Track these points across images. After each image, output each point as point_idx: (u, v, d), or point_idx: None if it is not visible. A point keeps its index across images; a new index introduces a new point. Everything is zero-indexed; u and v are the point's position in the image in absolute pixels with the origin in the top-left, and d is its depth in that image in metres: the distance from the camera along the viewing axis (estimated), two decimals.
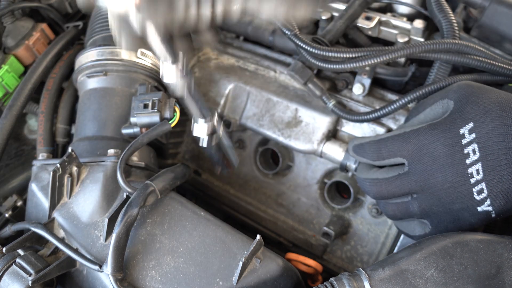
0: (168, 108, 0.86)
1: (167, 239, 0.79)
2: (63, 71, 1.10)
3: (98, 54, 0.97)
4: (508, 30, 0.94)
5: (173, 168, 0.88)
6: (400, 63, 1.03)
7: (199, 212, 0.82)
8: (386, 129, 0.99)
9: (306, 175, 1.09)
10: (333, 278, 0.71)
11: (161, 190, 0.80)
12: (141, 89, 0.90)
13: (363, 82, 1.01)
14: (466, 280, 0.66)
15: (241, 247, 0.77)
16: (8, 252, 0.79)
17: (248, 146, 1.15)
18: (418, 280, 0.66)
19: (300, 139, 1.03)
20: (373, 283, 0.67)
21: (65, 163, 0.83)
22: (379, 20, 1.03)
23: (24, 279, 0.74)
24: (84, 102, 0.97)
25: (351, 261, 1.04)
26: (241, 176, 1.16)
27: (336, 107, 0.98)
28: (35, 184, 0.89)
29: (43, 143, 1.04)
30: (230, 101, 1.12)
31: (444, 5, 0.95)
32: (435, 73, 0.92)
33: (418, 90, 0.89)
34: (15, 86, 1.09)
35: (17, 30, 1.12)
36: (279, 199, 1.12)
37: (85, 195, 0.84)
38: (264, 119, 1.07)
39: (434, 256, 0.67)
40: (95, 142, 0.92)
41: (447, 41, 0.87)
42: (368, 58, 0.87)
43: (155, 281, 0.75)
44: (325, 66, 0.93)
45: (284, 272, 0.77)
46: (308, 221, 1.09)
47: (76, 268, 0.81)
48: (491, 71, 0.88)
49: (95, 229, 0.81)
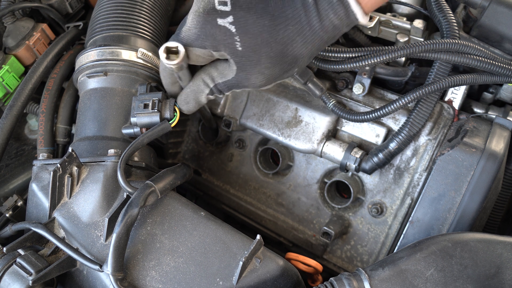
0: (168, 108, 0.86)
1: (167, 239, 0.79)
2: (64, 71, 1.10)
3: (98, 54, 0.97)
4: (507, 30, 0.94)
5: (174, 168, 0.88)
6: (400, 63, 1.03)
7: (199, 212, 0.82)
8: (386, 129, 0.99)
9: (306, 175, 1.09)
10: (333, 278, 0.71)
11: (161, 190, 0.80)
12: (141, 89, 0.90)
13: (363, 81, 1.01)
14: (466, 280, 0.66)
15: (241, 247, 0.78)
16: (8, 252, 0.79)
17: (248, 146, 1.15)
18: (418, 280, 0.66)
19: (300, 139, 1.03)
20: (373, 283, 0.67)
21: (66, 163, 0.83)
22: (379, 19, 1.03)
23: (24, 278, 0.74)
24: (84, 102, 0.98)
25: (351, 261, 1.04)
26: (241, 176, 1.17)
27: (336, 106, 0.98)
28: (35, 184, 0.89)
29: (43, 143, 1.04)
30: (230, 100, 1.12)
31: (444, 5, 0.95)
32: (435, 73, 0.92)
33: (418, 90, 0.89)
34: (15, 86, 1.10)
35: (18, 30, 1.12)
36: (279, 199, 1.12)
37: (86, 195, 0.84)
38: (264, 119, 1.08)
39: (434, 256, 0.68)
40: (96, 142, 0.92)
41: (447, 41, 0.87)
42: (368, 58, 0.87)
43: (155, 281, 0.75)
44: (325, 65, 0.93)
45: (284, 272, 0.77)
46: (308, 221, 1.09)
47: (77, 268, 0.81)
48: (491, 70, 0.88)
49: (95, 229, 0.81)
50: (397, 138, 0.94)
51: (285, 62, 0.77)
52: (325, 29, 0.72)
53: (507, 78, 0.89)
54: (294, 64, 0.77)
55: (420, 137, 0.97)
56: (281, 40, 0.74)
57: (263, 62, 0.76)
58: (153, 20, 1.04)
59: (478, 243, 0.68)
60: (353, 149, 0.98)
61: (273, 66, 0.77)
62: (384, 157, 0.95)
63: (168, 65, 0.79)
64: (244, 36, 0.74)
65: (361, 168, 0.98)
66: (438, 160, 0.90)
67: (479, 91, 1.09)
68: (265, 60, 0.76)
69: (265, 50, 0.75)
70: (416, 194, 0.97)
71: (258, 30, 0.74)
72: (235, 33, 0.75)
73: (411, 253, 0.69)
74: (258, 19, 0.73)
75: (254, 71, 0.77)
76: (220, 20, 0.75)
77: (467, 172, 0.87)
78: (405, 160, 0.99)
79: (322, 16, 0.71)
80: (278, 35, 0.73)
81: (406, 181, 0.99)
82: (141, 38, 1.01)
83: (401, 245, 0.93)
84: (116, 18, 1.00)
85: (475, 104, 1.05)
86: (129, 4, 1.01)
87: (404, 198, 0.99)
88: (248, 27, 0.74)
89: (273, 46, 0.74)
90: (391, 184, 1.01)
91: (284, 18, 0.73)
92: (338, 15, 0.70)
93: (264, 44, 0.74)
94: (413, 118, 0.93)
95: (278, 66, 0.77)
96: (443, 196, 0.88)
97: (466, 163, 0.87)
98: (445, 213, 0.88)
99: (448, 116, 0.97)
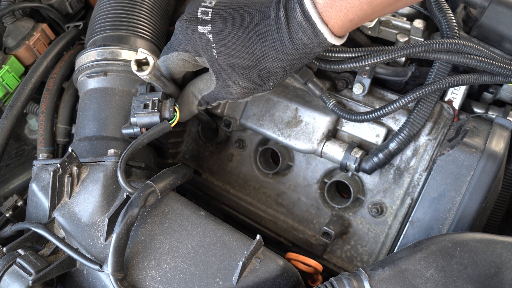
0: (168, 108, 0.86)
1: (167, 239, 0.79)
2: (64, 71, 1.10)
3: (98, 54, 0.97)
4: (507, 30, 0.94)
5: (174, 168, 0.88)
6: (400, 62, 1.04)
7: (199, 212, 0.82)
8: (386, 129, 0.99)
9: (306, 175, 1.09)
10: (333, 278, 0.71)
11: (161, 190, 0.80)
12: (141, 89, 0.90)
13: (363, 81, 1.01)
14: (466, 280, 0.66)
15: (241, 247, 0.78)
16: (8, 252, 0.79)
17: (248, 146, 1.15)
18: (418, 280, 0.66)
19: (300, 139, 1.03)
20: (373, 283, 0.67)
21: (65, 163, 0.84)
22: (379, 19, 1.04)
23: (24, 279, 0.74)
24: (84, 102, 0.98)
25: (351, 261, 1.04)
26: (241, 176, 1.17)
27: (336, 106, 0.98)
28: (35, 184, 0.90)
29: (43, 143, 1.04)
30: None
31: (444, 5, 0.95)
32: (435, 72, 0.92)
33: (418, 90, 0.89)
34: (15, 86, 1.10)
35: (18, 30, 1.12)
36: (279, 199, 1.12)
37: (85, 195, 0.84)
38: (264, 119, 1.08)
39: (434, 256, 0.68)
40: (95, 142, 0.92)
41: (446, 41, 0.87)
42: (368, 58, 0.87)
43: (155, 281, 0.75)
44: (325, 65, 0.93)
45: (284, 272, 0.77)
46: (308, 221, 1.09)
47: (76, 268, 0.81)
48: (490, 70, 0.88)
49: (95, 229, 0.81)
50: (397, 138, 0.94)
51: (258, 75, 0.80)
52: (295, 47, 0.76)
53: (507, 78, 0.89)
54: (268, 78, 0.81)
55: (420, 137, 0.97)
56: (253, 53, 0.78)
57: (237, 72, 0.80)
58: (153, 20, 1.04)
59: (478, 243, 0.68)
60: (353, 149, 0.98)
61: (246, 78, 0.81)
62: (384, 157, 0.95)
63: (142, 77, 0.84)
64: (219, 44, 0.79)
65: (361, 168, 0.98)
66: (438, 160, 0.90)
67: (479, 91, 1.09)
68: (238, 70, 0.80)
69: (238, 61, 0.79)
70: (416, 194, 0.97)
71: (233, 41, 0.78)
72: (212, 40, 0.79)
73: (411, 253, 0.69)
74: (233, 31, 0.78)
75: (229, 82, 0.82)
76: (200, 27, 0.80)
77: (467, 172, 0.87)
78: (405, 160, 0.99)
79: (292, 34, 0.75)
80: (251, 48, 0.78)
81: (406, 181, 0.99)
82: (141, 38, 1.01)
83: (401, 245, 0.93)
84: (116, 18, 1.00)
85: (475, 104, 1.05)
86: (129, 4, 1.01)
87: (404, 198, 0.99)
88: (224, 36, 0.79)
89: (245, 57, 0.78)
90: (391, 184, 1.01)
91: (257, 33, 0.77)
92: (307, 34, 0.74)
93: (237, 55, 0.79)
94: (413, 118, 0.93)
95: (252, 78, 0.81)
96: (443, 196, 0.88)
97: (466, 163, 0.87)
98: (445, 213, 0.88)
99: (448, 116, 0.97)
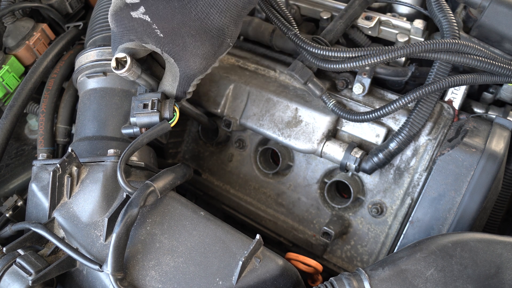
0: (167, 108, 0.86)
1: (167, 238, 0.79)
2: (64, 71, 1.10)
3: (98, 54, 0.97)
4: (507, 30, 0.93)
5: (173, 168, 0.88)
6: (400, 63, 1.04)
7: (199, 212, 0.82)
8: (386, 129, 0.99)
9: (306, 175, 1.09)
10: (333, 278, 0.71)
11: (161, 190, 0.80)
12: (141, 89, 0.90)
13: (363, 81, 1.01)
14: (466, 280, 0.66)
15: (240, 246, 0.78)
16: (8, 252, 0.79)
17: (248, 146, 1.15)
18: (418, 280, 0.66)
19: (300, 139, 1.03)
20: (373, 283, 0.67)
21: (65, 163, 0.84)
22: (379, 20, 1.04)
23: (24, 279, 0.74)
24: (84, 102, 0.98)
25: (351, 261, 1.04)
26: (241, 176, 1.17)
27: (336, 106, 0.98)
28: (35, 184, 0.89)
29: (43, 143, 1.04)
30: (230, 100, 1.12)
31: (444, 5, 0.95)
32: (435, 72, 0.92)
33: (418, 90, 0.89)
34: (15, 86, 1.10)
35: (18, 30, 1.12)
36: (279, 199, 1.12)
37: (85, 195, 0.84)
38: (264, 119, 1.08)
39: (434, 256, 0.67)
40: (95, 142, 0.92)
41: (446, 41, 0.87)
42: (368, 58, 0.87)
43: (155, 280, 0.75)
44: (325, 65, 0.93)
45: (284, 272, 0.77)
46: (308, 221, 1.09)
47: (76, 268, 0.81)
48: (490, 70, 0.88)
49: (95, 229, 0.81)
50: (397, 138, 0.94)
51: (212, 36, 0.78)
52: None
53: (507, 78, 0.89)
54: (223, 36, 0.78)
55: (420, 137, 0.97)
56: (196, 16, 0.75)
57: (189, 42, 0.77)
58: None
59: (478, 243, 0.68)
60: (353, 149, 0.98)
61: (202, 44, 0.78)
62: (384, 157, 0.95)
63: (121, 74, 0.82)
64: (159, 22, 0.76)
65: (361, 168, 0.98)
66: (438, 160, 0.90)
67: (479, 91, 1.09)
68: (190, 39, 0.77)
69: (185, 30, 0.76)
70: (416, 194, 0.97)
71: (171, 13, 0.75)
72: (150, 22, 0.76)
73: (411, 253, 0.69)
74: (167, 3, 0.75)
75: (187, 55, 0.79)
76: (133, 12, 0.77)
77: (467, 172, 0.87)
78: (405, 160, 0.99)
79: None
80: (191, 13, 0.75)
81: (406, 181, 0.99)
82: None
83: (401, 245, 0.93)
84: None
85: (475, 104, 1.05)
86: None
87: (404, 198, 0.99)
88: (160, 12, 0.76)
89: (190, 24, 0.76)
90: (391, 184, 1.01)
91: None
92: None
93: (182, 25, 0.76)
94: (413, 118, 0.93)
95: (207, 42, 0.78)
96: (443, 196, 0.88)
97: (466, 163, 0.87)
98: (445, 213, 0.88)
99: (448, 116, 0.97)
